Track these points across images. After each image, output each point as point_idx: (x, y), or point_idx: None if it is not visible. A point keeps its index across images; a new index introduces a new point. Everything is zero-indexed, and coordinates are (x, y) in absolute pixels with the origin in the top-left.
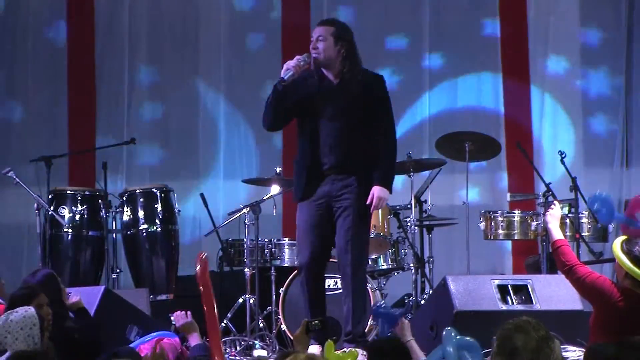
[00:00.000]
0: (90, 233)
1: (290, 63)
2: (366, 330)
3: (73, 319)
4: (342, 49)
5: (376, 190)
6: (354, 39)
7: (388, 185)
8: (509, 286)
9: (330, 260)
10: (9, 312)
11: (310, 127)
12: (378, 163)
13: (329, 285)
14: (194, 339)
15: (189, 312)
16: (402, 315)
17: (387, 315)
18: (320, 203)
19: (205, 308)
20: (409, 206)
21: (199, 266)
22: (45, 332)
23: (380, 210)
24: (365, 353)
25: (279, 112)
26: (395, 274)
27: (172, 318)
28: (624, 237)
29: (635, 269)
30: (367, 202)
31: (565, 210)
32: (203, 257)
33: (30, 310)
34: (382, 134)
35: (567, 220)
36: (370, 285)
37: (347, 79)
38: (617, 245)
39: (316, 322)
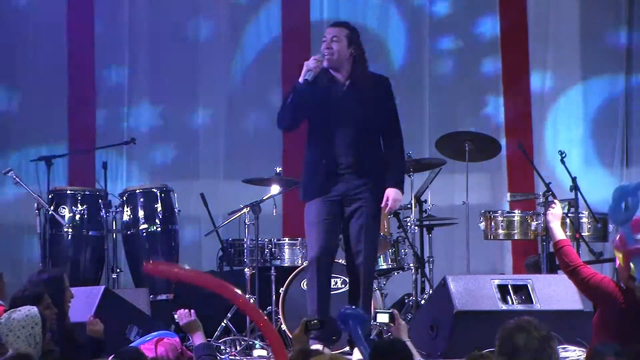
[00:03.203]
0: (90, 233)
1: (310, 64)
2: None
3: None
4: (354, 52)
5: (392, 193)
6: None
7: (401, 187)
8: (509, 286)
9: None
10: (11, 310)
11: (324, 128)
12: (390, 165)
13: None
14: (198, 338)
15: (192, 311)
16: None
17: (358, 316)
18: (333, 200)
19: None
20: (409, 206)
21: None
22: (47, 332)
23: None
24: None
25: (297, 112)
26: (395, 273)
27: (175, 316)
28: None
29: None
30: (382, 205)
31: (566, 210)
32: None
33: (33, 309)
34: (391, 135)
35: (567, 220)
36: None
37: (358, 80)
38: None
39: (315, 321)
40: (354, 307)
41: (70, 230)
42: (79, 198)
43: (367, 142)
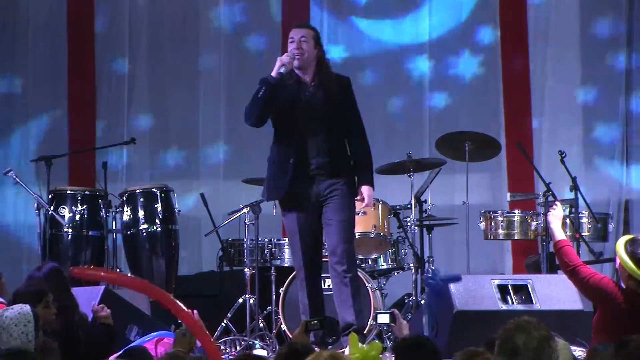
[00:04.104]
0: (90, 233)
1: (284, 59)
2: (365, 331)
3: (90, 326)
4: (319, 53)
5: (366, 190)
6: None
7: (373, 185)
8: (509, 286)
9: (326, 260)
10: (4, 308)
11: (292, 129)
12: (360, 163)
13: (328, 285)
14: None
15: (195, 311)
16: (451, 281)
17: (436, 288)
18: (308, 206)
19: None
20: (409, 206)
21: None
22: (40, 330)
23: (380, 210)
24: None
25: (267, 107)
26: (395, 273)
27: None
28: (627, 238)
29: (639, 271)
30: (360, 202)
31: (567, 212)
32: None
33: (26, 307)
34: (358, 134)
35: (567, 220)
36: (370, 285)
37: (324, 81)
38: (620, 246)
39: (315, 322)
40: (434, 276)
41: (70, 230)
42: (79, 198)
43: (336, 143)
